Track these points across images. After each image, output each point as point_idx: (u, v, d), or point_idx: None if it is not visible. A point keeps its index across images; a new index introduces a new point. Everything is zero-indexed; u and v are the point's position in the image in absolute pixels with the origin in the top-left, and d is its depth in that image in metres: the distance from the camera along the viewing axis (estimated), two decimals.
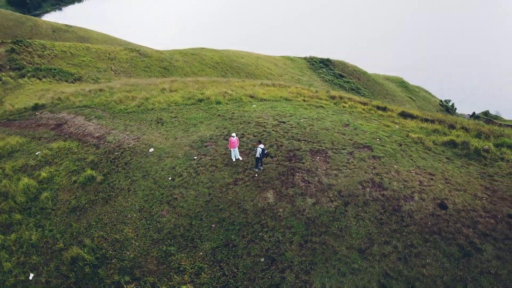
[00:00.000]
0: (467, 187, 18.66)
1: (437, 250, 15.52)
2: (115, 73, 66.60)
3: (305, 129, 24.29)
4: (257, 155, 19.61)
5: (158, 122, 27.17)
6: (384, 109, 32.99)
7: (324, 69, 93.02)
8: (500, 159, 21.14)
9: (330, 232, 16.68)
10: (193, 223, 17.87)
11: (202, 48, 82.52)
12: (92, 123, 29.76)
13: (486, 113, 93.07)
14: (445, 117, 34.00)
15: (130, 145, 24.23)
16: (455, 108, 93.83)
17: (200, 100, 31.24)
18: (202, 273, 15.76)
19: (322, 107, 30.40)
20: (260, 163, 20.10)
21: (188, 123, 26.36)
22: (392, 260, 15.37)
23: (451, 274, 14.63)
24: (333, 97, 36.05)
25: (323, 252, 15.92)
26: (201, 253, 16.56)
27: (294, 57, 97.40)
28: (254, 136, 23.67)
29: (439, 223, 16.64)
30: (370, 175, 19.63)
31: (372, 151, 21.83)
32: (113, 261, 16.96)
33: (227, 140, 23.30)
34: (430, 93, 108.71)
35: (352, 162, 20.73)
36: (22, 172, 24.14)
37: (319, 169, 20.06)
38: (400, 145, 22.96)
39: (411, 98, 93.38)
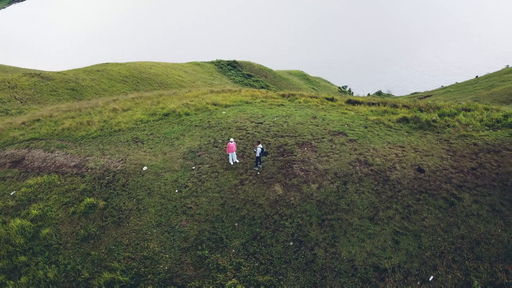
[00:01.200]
0: (433, 152, 22.53)
1: (429, 205, 18.86)
2: (22, 102, 62.17)
3: (282, 126, 26.60)
4: (257, 154, 21.40)
5: (136, 142, 27.37)
6: (332, 99, 36.70)
7: (232, 71, 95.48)
8: (447, 126, 25.57)
9: (340, 208, 19.19)
10: (215, 226, 19.12)
11: (106, 63, 79.87)
12: (57, 153, 28.77)
13: (379, 93, 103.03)
14: (383, 99, 38.88)
15: (118, 168, 24.31)
16: (352, 92, 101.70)
17: (166, 114, 31.82)
18: (242, 267, 17.19)
19: (282, 105, 33.01)
20: (259, 162, 21.91)
21: (169, 137, 27.04)
22: (397, 220, 18.34)
23: (445, 221, 18.02)
24: (283, 95, 38.98)
25: (340, 226, 18.36)
26: (233, 250, 17.95)
27: (202, 62, 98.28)
28: (240, 139, 25.35)
29: (422, 184, 20.10)
30: (355, 155, 22.60)
31: (347, 136, 24.89)
32: (148, 276, 17.54)
33: (216, 147, 24.64)
34: (328, 82, 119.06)
35: (335, 147, 23.54)
36: (4, 214, 22.88)
37: (311, 158, 22.51)
38: (366, 127, 26.39)
39: (313, 89, 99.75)
